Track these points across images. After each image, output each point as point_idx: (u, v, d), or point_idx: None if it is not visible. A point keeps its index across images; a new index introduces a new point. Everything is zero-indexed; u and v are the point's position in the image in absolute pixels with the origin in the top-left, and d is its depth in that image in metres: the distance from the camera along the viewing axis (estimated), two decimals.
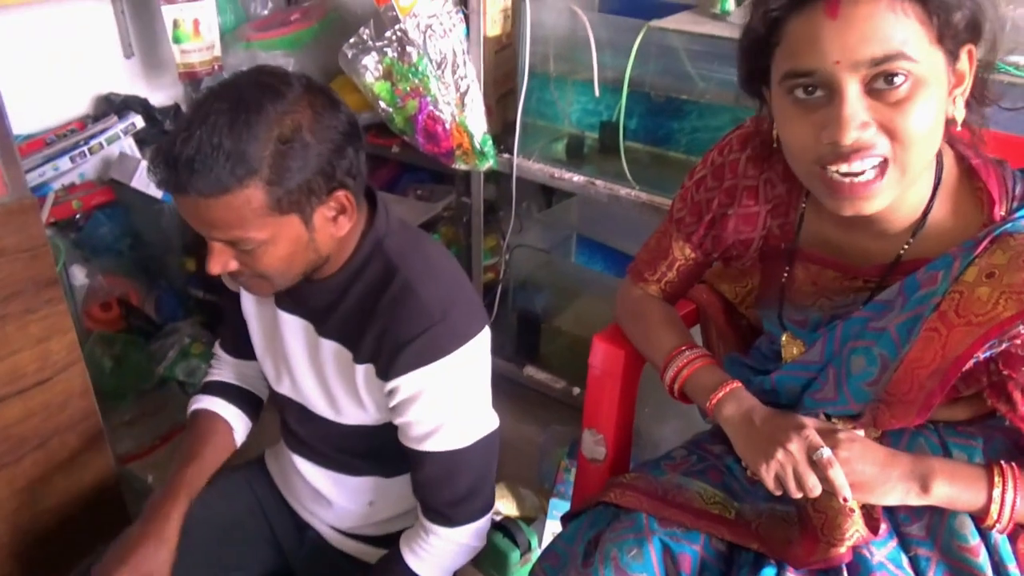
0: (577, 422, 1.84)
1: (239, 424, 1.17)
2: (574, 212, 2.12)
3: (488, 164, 1.73)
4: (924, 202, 0.81)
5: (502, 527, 1.49)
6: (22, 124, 1.82)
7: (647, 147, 1.73)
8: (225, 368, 1.20)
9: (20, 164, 1.14)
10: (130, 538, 1.01)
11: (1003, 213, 0.79)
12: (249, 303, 1.10)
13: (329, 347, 1.00)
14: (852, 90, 0.71)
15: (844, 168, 0.74)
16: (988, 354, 0.75)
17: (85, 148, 1.81)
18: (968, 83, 0.76)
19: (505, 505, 1.58)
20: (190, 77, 1.96)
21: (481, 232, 1.88)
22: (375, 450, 1.06)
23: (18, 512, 1.21)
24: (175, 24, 1.85)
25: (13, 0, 1.49)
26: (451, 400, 0.95)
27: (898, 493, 0.81)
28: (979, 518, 0.81)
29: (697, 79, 1.54)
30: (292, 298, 1.01)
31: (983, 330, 0.73)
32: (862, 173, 0.74)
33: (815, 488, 0.80)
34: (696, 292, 1.15)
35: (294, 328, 1.03)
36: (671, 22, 1.50)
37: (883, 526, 0.84)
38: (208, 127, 0.79)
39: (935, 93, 0.72)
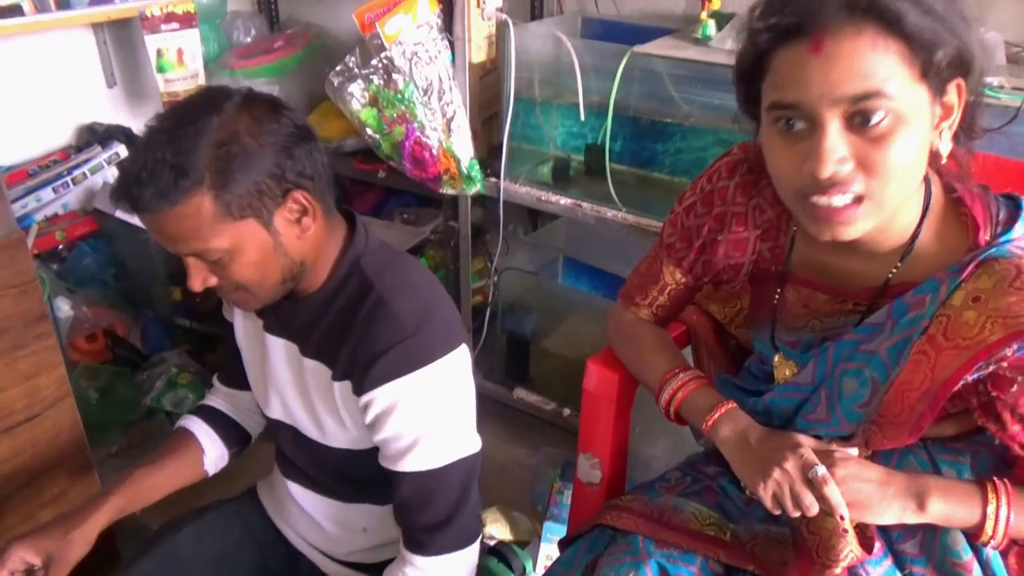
0: (568, 443, 1.85)
1: (213, 450, 1.16)
2: (561, 234, 2.13)
3: (475, 188, 1.75)
4: (911, 227, 0.82)
5: (496, 551, 1.49)
6: (3, 155, 1.81)
7: (632, 169, 1.75)
8: (219, 397, 1.21)
9: (7, 199, 1.14)
10: (48, 521, 1.02)
11: (987, 238, 0.80)
12: (241, 331, 1.11)
13: (311, 366, 1.00)
14: (833, 125, 0.72)
15: (824, 201, 0.76)
16: (976, 376, 0.76)
17: (68, 179, 1.80)
18: (956, 116, 0.76)
19: (499, 529, 1.58)
20: None
21: (469, 255, 1.89)
22: (367, 477, 1.04)
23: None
24: (159, 53, 1.86)
25: None
26: (427, 414, 0.94)
27: (895, 511, 0.81)
28: (973, 534, 0.81)
29: (680, 102, 1.56)
30: (278, 321, 1.03)
31: (971, 353, 0.74)
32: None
33: (812, 507, 0.81)
34: (686, 313, 1.16)
35: (280, 351, 1.04)
36: (654, 47, 1.53)
37: (877, 544, 0.84)
38: (151, 145, 0.83)
39: (916, 129, 0.73)
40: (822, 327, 0.91)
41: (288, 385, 1.05)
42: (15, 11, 1.59)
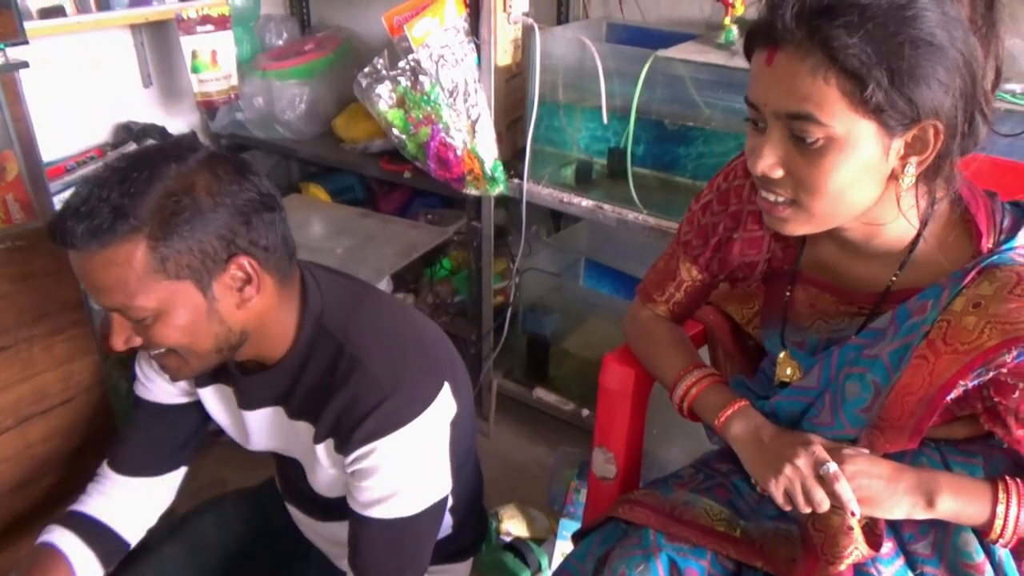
0: (587, 443, 1.86)
1: (85, 569, 1.02)
2: (583, 236, 2.15)
3: (499, 189, 1.77)
4: (910, 233, 0.83)
5: (513, 547, 1.51)
6: (44, 152, 1.86)
7: (654, 172, 1.77)
8: (97, 496, 1.07)
9: (49, 191, 1.18)
10: None
11: (990, 245, 0.81)
12: (213, 407, 1.06)
13: (299, 427, 0.98)
14: (775, 131, 0.77)
15: (762, 195, 0.82)
16: (976, 382, 0.77)
17: None
18: (930, 154, 0.76)
19: (515, 525, 1.60)
20: (207, 106, 2.01)
21: (491, 256, 1.91)
22: None
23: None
24: (194, 55, 1.91)
25: (36, 31, 1.54)
26: (407, 470, 0.92)
27: (904, 506, 0.82)
28: (983, 532, 0.82)
29: (703, 106, 1.57)
30: (253, 396, 1.00)
31: (968, 358, 0.75)
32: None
33: (823, 502, 0.82)
34: (704, 313, 1.17)
35: (263, 420, 1.01)
36: (677, 52, 1.54)
37: (889, 544, 0.85)
38: (101, 182, 0.79)
39: (856, 157, 0.75)
40: (827, 328, 0.92)
41: (278, 439, 1.04)
42: (58, 12, 1.64)
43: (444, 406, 0.95)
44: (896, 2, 0.70)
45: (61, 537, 1.02)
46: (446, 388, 0.95)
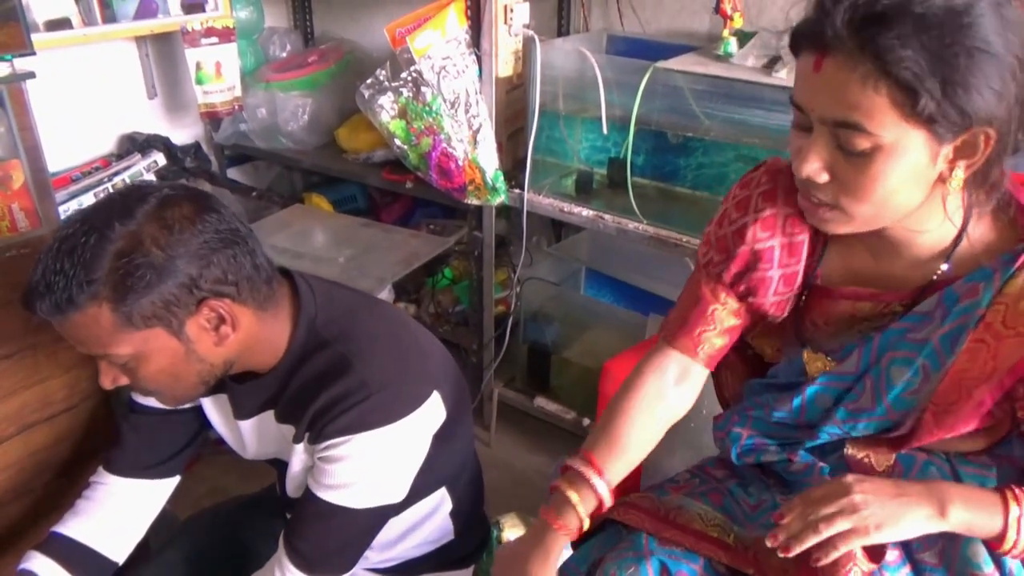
0: None
1: None
2: (583, 246, 2.16)
3: (499, 199, 1.78)
4: (953, 232, 0.82)
5: None
6: (50, 162, 1.87)
7: (654, 182, 1.78)
8: (84, 515, 1.07)
9: (55, 200, 1.19)
10: None
11: None
12: (211, 415, 1.07)
13: (285, 430, 0.99)
14: (821, 136, 0.76)
15: (805, 195, 0.82)
16: None
17: (109, 185, 1.87)
18: (979, 158, 0.74)
19: (516, 534, 1.59)
20: (211, 117, 2.03)
21: (492, 265, 1.92)
22: None
23: (42, 537, 1.23)
24: (198, 66, 1.93)
25: (43, 43, 1.56)
26: (371, 467, 0.92)
27: (920, 521, 0.78)
28: (993, 544, 0.79)
29: (702, 117, 1.59)
30: (246, 406, 1.00)
31: None
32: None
33: None
34: None
35: (258, 427, 1.02)
36: (676, 63, 1.56)
37: (896, 552, 0.84)
38: (54, 253, 0.80)
39: (904, 164, 0.73)
40: (869, 328, 0.90)
41: (273, 445, 1.04)
42: (65, 24, 1.66)
43: (430, 414, 0.95)
44: (953, 8, 0.68)
45: (40, 565, 1.02)
46: (435, 396, 0.95)
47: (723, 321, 0.96)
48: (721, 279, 0.94)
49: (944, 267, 0.83)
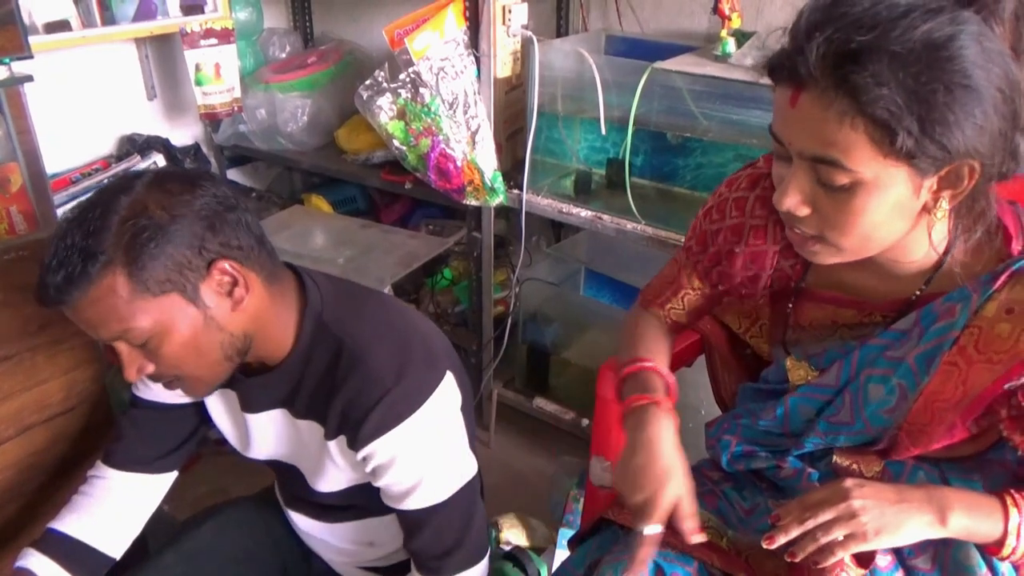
0: (587, 453, 1.86)
1: None
2: (583, 247, 2.16)
3: (498, 200, 1.78)
4: (936, 253, 0.80)
5: (512, 556, 1.50)
6: (49, 164, 1.88)
7: (652, 183, 1.78)
8: (80, 510, 1.07)
9: (53, 202, 1.19)
10: None
11: (1020, 248, 0.79)
12: (215, 411, 1.07)
13: (304, 426, 0.99)
14: (800, 170, 0.75)
15: (789, 227, 0.81)
16: (1008, 387, 0.75)
17: None
18: (964, 188, 0.73)
19: (515, 535, 1.60)
20: (211, 118, 2.04)
21: (491, 266, 1.92)
22: (369, 499, 1.03)
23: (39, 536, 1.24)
24: (197, 68, 1.93)
25: (42, 45, 1.56)
26: (425, 458, 0.94)
27: (920, 527, 0.77)
28: (992, 549, 0.79)
29: (700, 118, 1.59)
30: (256, 398, 1.01)
31: (1004, 368, 0.74)
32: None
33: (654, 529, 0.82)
34: (701, 323, 1.17)
35: (268, 423, 1.02)
36: (674, 63, 1.56)
37: (888, 558, 0.83)
38: (63, 234, 0.82)
39: (885, 198, 0.72)
40: (851, 335, 0.90)
41: (281, 445, 1.05)
42: (63, 26, 1.66)
43: (449, 392, 0.96)
44: (932, 42, 0.65)
45: (37, 562, 1.02)
46: (449, 377, 0.96)
47: (691, 303, 1.05)
48: (696, 268, 1.01)
49: (923, 288, 0.83)
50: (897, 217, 0.74)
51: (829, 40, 0.67)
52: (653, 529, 0.82)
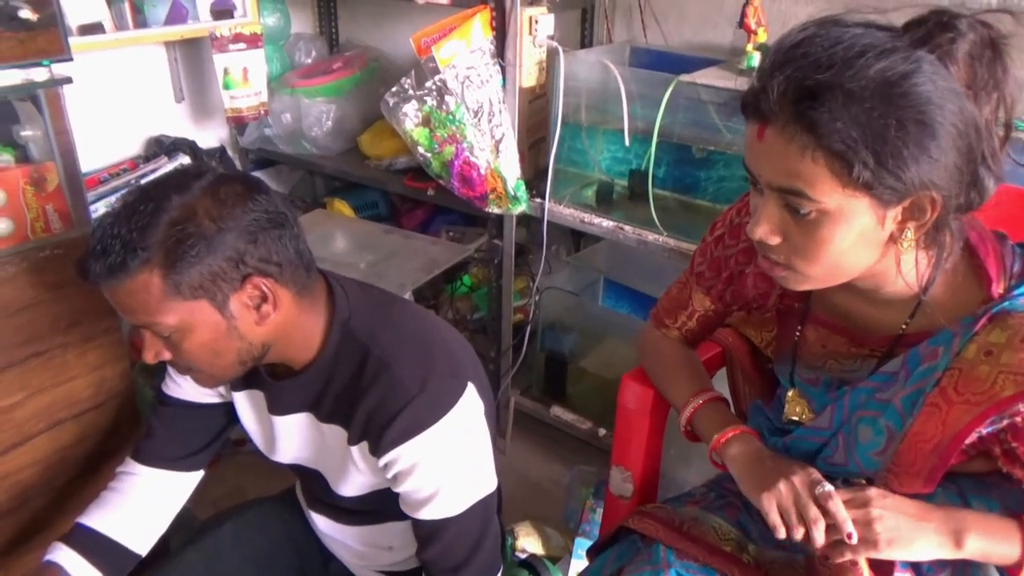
0: (603, 463, 1.86)
1: None
2: (602, 257, 2.16)
3: (521, 208, 1.79)
4: (922, 279, 0.81)
5: (528, 565, 1.51)
6: (80, 164, 1.91)
7: (674, 194, 1.78)
8: (109, 506, 1.09)
9: (87, 201, 1.21)
10: None
11: (1001, 291, 0.80)
12: (243, 410, 1.09)
13: (328, 430, 1.00)
14: (770, 200, 0.77)
15: (760, 255, 0.83)
16: (991, 429, 0.77)
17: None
18: (928, 220, 0.75)
19: (531, 543, 1.60)
20: (237, 121, 2.06)
21: (512, 274, 1.93)
22: (390, 504, 1.03)
23: (67, 530, 1.25)
24: (225, 71, 1.95)
25: (76, 47, 1.58)
26: (445, 467, 0.95)
27: (932, 547, 0.80)
28: (1012, 571, 0.80)
29: (724, 131, 1.59)
30: (283, 401, 1.02)
31: (981, 408, 0.75)
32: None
33: (817, 520, 0.80)
34: (722, 336, 1.18)
35: (293, 426, 1.03)
36: (699, 76, 1.56)
37: (908, 574, 0.84)
38: (113, 219, 0.84)
39: (851, 227, 0.74)
40: (840, 368, 0.92)
41: (305, 449, 1.06)
42: (97, 28, 1.69)
43: (472, 403, 0.97)
44: (886, 80, 0.68)
45: (65, 556, 1.04)
46: (471, 388, 0.97)
47: (703, 320, 1.10)
48: (709, 293, 1.05)
49: (909, 320, 0.84)
50: (863, 246, 0.76)
51: (789, 79, 0.71)
52: (827, 486, 0.82)
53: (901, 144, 0.69)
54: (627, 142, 1.66)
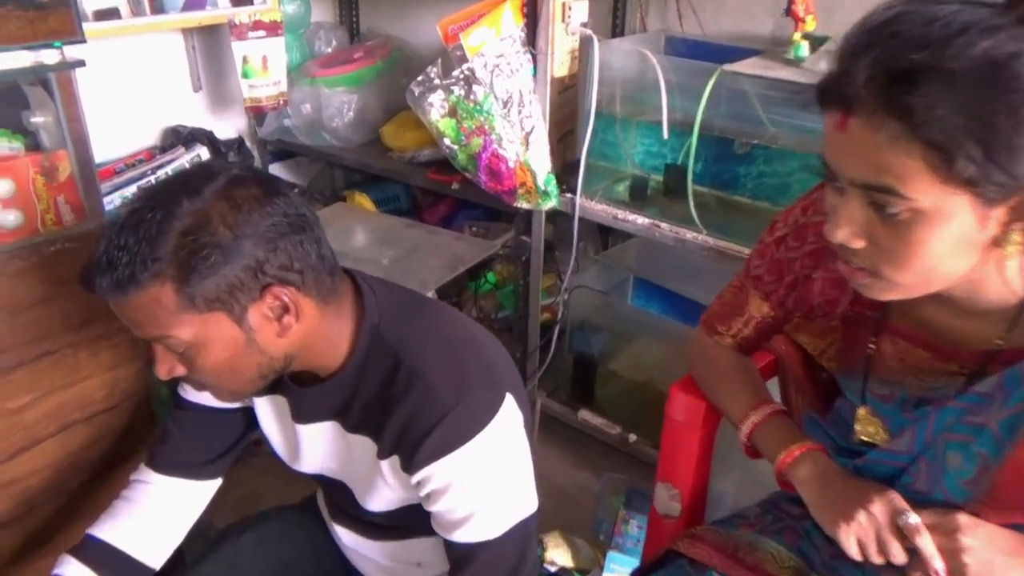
0: (633, 469, 1.80)
1: None
2: (632, 254, 2.09)
3: (551, 203, 1.73)
4: (1019, 291, 0.74)
5: None
6: (94, 153, 1.86)
7: (712, 190, 1.71)
8: (121, 517, 1.04)
9: (101, 193, 1.16)
10: None
11: None
12: (264, 417, 1.03)
13: (356, 440, 0.94)
14: (853, 199, 0.69)
15: (841, 259, 0.76)
16: None
17: (152, 178, 1.84)
18: None
19: (560, 555, 1.54)
20: (256, 111, 2.00)
21: (540, 271, 1.86)
22: (419, 519, 0.97)
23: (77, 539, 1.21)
24: (244, 60, 1.90)
25: (91, 33, 1.53)
26: (483, 486, 0.88)
27: None
28: None
29: (768, 124, 1.52)
30: (309, 410, 0.96)
31: None
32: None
33: (898, 556, 0.75)
34: (775, 342, 1.11)
35: (318, 435, 0.98)
36: (744, 66, 1.49)
37: None
38: (119, 227, 0.77)
39: (947, 230, 0.66)
40: (920, 385, 0.84)
41: (330, 460, 1.00)
42: (113, 14, 1.64)
43: (511, 415, 0.90)
44: (994, 60, 0.61)
45: (74, 571, 0.99)
46: (509, 398, 0.90)
47: (759, 327, 1.02)
48: (769, 299, 0.97)
49: (1007, 334, 0.75)
50: (961, 250, 0.68)
51: (877, 60, 0.63)
52: (914, 517, 0.76)
53: (1013, 134, 0.61)
54: (666, 135, 1.59)
